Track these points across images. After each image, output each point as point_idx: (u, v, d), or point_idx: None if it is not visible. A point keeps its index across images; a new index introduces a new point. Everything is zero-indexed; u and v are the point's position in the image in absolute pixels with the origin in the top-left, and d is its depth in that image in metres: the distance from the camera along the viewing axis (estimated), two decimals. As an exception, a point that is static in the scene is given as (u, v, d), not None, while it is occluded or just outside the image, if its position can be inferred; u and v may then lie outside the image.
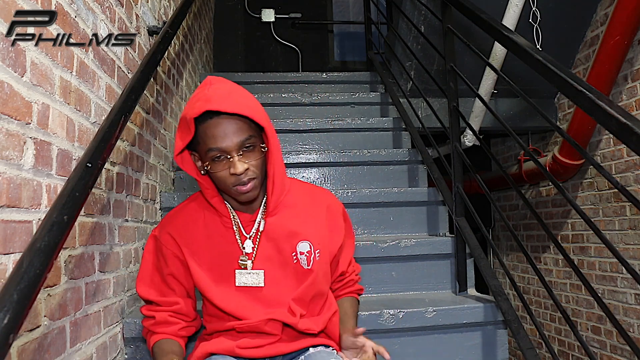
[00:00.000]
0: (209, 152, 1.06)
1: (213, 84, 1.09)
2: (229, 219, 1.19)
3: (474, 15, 1.71)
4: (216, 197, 1.17)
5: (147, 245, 1.23)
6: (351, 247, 1.35)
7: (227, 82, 1.12)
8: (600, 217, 3.08)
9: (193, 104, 1.06)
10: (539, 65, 1.30)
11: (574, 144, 1.28)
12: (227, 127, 1.04)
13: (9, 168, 0.87)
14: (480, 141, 2.06)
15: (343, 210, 1.31)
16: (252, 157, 1.08)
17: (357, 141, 2.68)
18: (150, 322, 1.21)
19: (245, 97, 1.10)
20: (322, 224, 1.23)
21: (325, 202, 1.26)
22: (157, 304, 1.21)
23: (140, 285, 1.22)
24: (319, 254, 1.20)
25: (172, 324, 1.20)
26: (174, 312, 1.20)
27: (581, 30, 3.05)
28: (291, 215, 1.21)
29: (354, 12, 4.91)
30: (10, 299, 0.62)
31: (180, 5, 1.93)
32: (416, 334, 1.58)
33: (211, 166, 1.08)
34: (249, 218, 1.19)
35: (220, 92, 1.05)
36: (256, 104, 1.10)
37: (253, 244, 1.18)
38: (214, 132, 1.04)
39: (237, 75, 3.50)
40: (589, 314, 3.25)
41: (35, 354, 0.96)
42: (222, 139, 1.04)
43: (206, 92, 1.05)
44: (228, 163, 1.06)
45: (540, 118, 3.08)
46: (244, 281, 1.17)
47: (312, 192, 1.28)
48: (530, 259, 1.52)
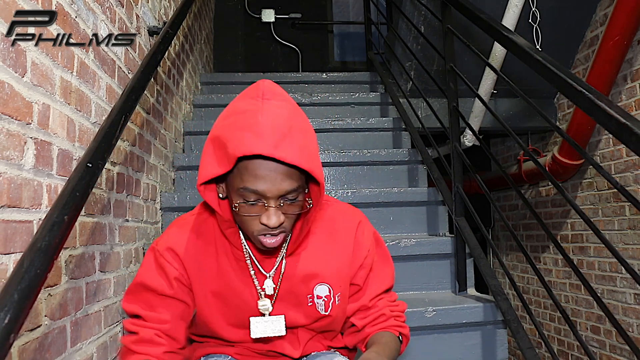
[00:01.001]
0: (243, 191, 0.85)
1: (268, 100, 0.85)
2: (242, 254, 1.01)
3: (474, 16, 1.71)
4: (232, 229, 0.99)
5: (146, 259, 1.04)
6: (382, 277, 1.08)
7: (286, 104, 0.87)
8: (600, 217, 3.09)
9: (240, 130, 0.82)
10: (539, 65, 1.30)
11: (573, 144, 1.29)
12: (274, 172, 0.83)
13: (9, 168, 0.87)
14: (480, 141, 2.07)
15: (374, 237, 1.10)
16: (291, 210, 0.88)
17: (357, 141, 2.68)
18: (131, 339, 0.99)
19: (306, 135, 0.86)
20: (346, 261, 1.03)
21: (353, 233, 1.05)
22: (143, 319, 1.00)
23: (127, 297, 1.02)
24: (339, 297, 1.03)
25: (157, 345, 0.98)
26: (162, 332, 0.99)
27: (581, 30, 3.05)
28: (311, 253, 1.03)
29: (354, 12, 4.91)
30: (11, 298, 0.62)
31: (181, 5, 1.93)
32: (416, 334, 1.59)
33: (240, 207, 0.87)
34: (267, 254, 1.01)
35: (278, 126, 0.82)
36: (315, 148, 0.88)
37: (274, 284, 1.01)
38: (257, 172, 0.82)
39: (237, 75, 3.51)
40: (588, 314, 3.25)
41: (36, 353, 0.96)
42: (264, 182, 0.83)
43: (260, 120, 0.82)
44: (262, 210, 0.86)
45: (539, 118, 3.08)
46: (263, 331, 1.01)
47: (337, 218, 1.06)
48: (529, 258, 1.52)
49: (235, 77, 3.45)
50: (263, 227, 0.87)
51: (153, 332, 0.97)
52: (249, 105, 0.85)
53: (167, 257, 1.00)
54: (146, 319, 0.99)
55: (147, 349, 0.96)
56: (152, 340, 0.97)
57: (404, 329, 1.06)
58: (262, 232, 0.88)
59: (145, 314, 0.99)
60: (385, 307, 1.06)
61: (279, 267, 1.01)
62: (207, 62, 3.74)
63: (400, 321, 1.06)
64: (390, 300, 1.08)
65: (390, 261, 1.12)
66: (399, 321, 1.06)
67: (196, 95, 2.98)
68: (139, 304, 1.00)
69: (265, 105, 0.84)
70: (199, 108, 2.92)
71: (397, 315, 1.07)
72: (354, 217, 1.06)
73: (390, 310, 1.06)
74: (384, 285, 1.07)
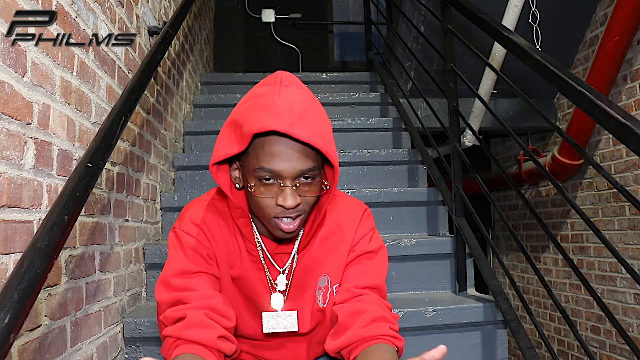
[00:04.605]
0: (259, 171, 0.83)
1: (286, 87, 0.86)
2: (254, 246, 0.99)
3: (474, 16, 1.71)
4: (244, 219, 0.96)
5: (171, 242, 0.98)
6: (369, 271, 1.01)
7: (302, 91, 0.88)
8: (600, 217, 3.09)
9: (257, 111, 0.82)
10: (539, 65, 1.30)
11: (573, 144, 1.29)
12: (290, 149, 0.82)
13: (9, 168, 0.88)
14: (479, 141, 2.07)
15: (373, 231, 1.06)
16: (308, 192, 0.86)
17: (357, 141, 2.68)
18: (178, 325, 0.88)
19: (321, 120, 0.87)
20: (344, 253, 1.01)
21: (356, 224, 1.02)
22: (184, 302, 0.91)
23: (160, 288, 0.95)
24: (337, 289, 1.01)
25: (209, 327, 0.88)
26: (210, 309, 0.90)
27: (580, 30, 3.05)
28: (320, 247, 1.01)
29: (354, 13, 4.91)
30: (11, 298, 0.62)
31: (181, 5, 1.94)
32: (416, 334, 1.59)
33: (256, 188, 0.85)
34: (279, 249, 0.99)
35: (294, 108, 0.82)
36: (329, 132, 0.88)
37: (287, 281, 1.00)
38: (273, 149, 0.82)
39: (237, 75, 3.51)
40: (588, 314, 3.25)
41: (35, 353, 0.96)
42: (280, 161, 0.82)
43: (277, 101, 0.82)
44: (278, 190, 0.84)
45: (539, 118, 3.08)
46: (273, 326, 0.99)
47: (344, 211, 1.04)
48: (529, 258, 1.52)
49: (235, 77, 3.45)
50: (280, 210, 0.85)
51: (202, 312, 0.89)
52: (267, 90, 0.86)
53: (194, 233, 0.96)
54: (188, 299, 0.91)
55: (199, 333, 0.87)
56: (203, 322, 0.88)
57: (400, 342, 0.94)
58: (279, 215, 0.86)
59: (185, 295, 0.91)
60: (378, 304, 0.96)
61: (291, 263, 1.00)
62: (207, 62, 3.74)
63: (395, 330, 0.95)
64: (384, 301, 1.00)
65: (382, 261, 1.04)
66: (394, 329, 0.95)
67: (196, 95, 2.98)
68: (175, 291, 0.92)
69: (282, 90, 0.85)
70: (199, 108, 2.92)
71: (393, 322, 0.96)
72: (359, 210, 1.04)
73: (383, 312, 0.95)
74: (369, 280, 1.00)
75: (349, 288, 0.98)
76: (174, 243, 0.97)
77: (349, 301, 0.97)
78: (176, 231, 0.97)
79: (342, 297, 0.98)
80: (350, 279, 1.00)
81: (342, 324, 0.94)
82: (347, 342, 0.92)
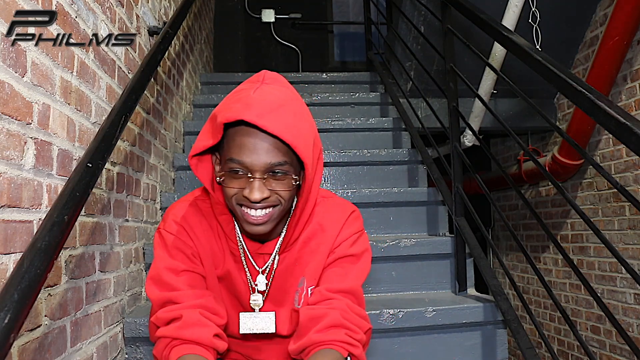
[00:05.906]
0: (229, 163, 0.84)
1: (267, 84, 0.86)
2: (236, 245, 0.99)
3: (474, 16, 1.71)
4: (226, 215, 0.96)
5: (156, 243, 0.99)
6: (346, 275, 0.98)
7: (284, 89, 0.88)
8: (600, 217, 3.09)
9: (231, 103, 0.84)
10: (539, 65, 1.30)
11: (573, 144, 1.29)
12: (259, 142, 0.82)
13: (9, 168, 0.88)
14: (479, 141, 2.07)
15: (360, 234, 1.02)
16: (278, 186, 0.85)
17: (357, 141, 2.68)
18: (174, 325, 0.89)
19: (298, 117, 0.85)
20: (323, 254, 0.99)
21: (340, 225, 1.00)
22: (176, 302, 0.92)
23: (151, 286, 0.96)
24: (312, 290, 0.99)
25: (205, 326, 0.89)
26: (203, 307, 0.91)
27: (580, 30, 3.05)
28: (302, 248, 1.00)
29: (354, 12, 4.91)
30: (11, 298, 0.62)
31: (181, 5, 1.93)
32: (416, 334, 1.59)
33: (225, 179, 0.86)
34: (261, 249, 0.99)
35: (268, 101, 0.82)
36: (306, 130, 0.86)
37: (267, 281, 0.99)
38: (242, 140, 0.82)
39: (237, 75, 3.51)
40: (588, 314, 3.25)
41: (35, 353, 0.96)
42: (249, 152, 0.82)
43: (251, 95, 0.83)
44: (246, 183, 0.84)
45: (539, 118, 3.08)
46: (250, 327, 0.99)
47: (330, 211, 1.01)
48: (529, 258, 1.52)
49: (235, 77, 3.45)
50: (245, 201, 0.85)
51: (197, 310, 0.90)
52: (248, 86, 0.87)
53: (176, 232, 0.97)
54: (179, 299, 0.92)
55: (197, 333, 0.88)
56: (199, 321, 0.89)
57: (356, 349, 0.91)
58: (243, 204, 0.86)
59: (175, 295, 0.92)
60: (343, 309, 0.94)
61: (272, 264, 0.99)
62: (207, 62, 3.74)
63: (354, 338, 0.92)
64: (354, 307, 0.96)
65: (363, 266, 1.01)
66: (351, 337, 0.91)
67: (196, 95, 2.98)
68: (165, 290, 0.93)
69: (263, 87, 0.86)
70: (199, 108, 2.92)
71: (352, 330, 0.92)
72: (346, 211, 1.02)
73: (346, 317, 0.93)
74: (345, 284, 0.97)
75: (321, 291, 0.97)
76: (159, 243, 0.98)
77: (318, 304, 0.96)
78: (160, 231, 0.99)
79: (313, 299, 0.98)
80: (326, 281, 0.98)
81: (301, 327, 0.94)
82: (303, 345, 0.93)
